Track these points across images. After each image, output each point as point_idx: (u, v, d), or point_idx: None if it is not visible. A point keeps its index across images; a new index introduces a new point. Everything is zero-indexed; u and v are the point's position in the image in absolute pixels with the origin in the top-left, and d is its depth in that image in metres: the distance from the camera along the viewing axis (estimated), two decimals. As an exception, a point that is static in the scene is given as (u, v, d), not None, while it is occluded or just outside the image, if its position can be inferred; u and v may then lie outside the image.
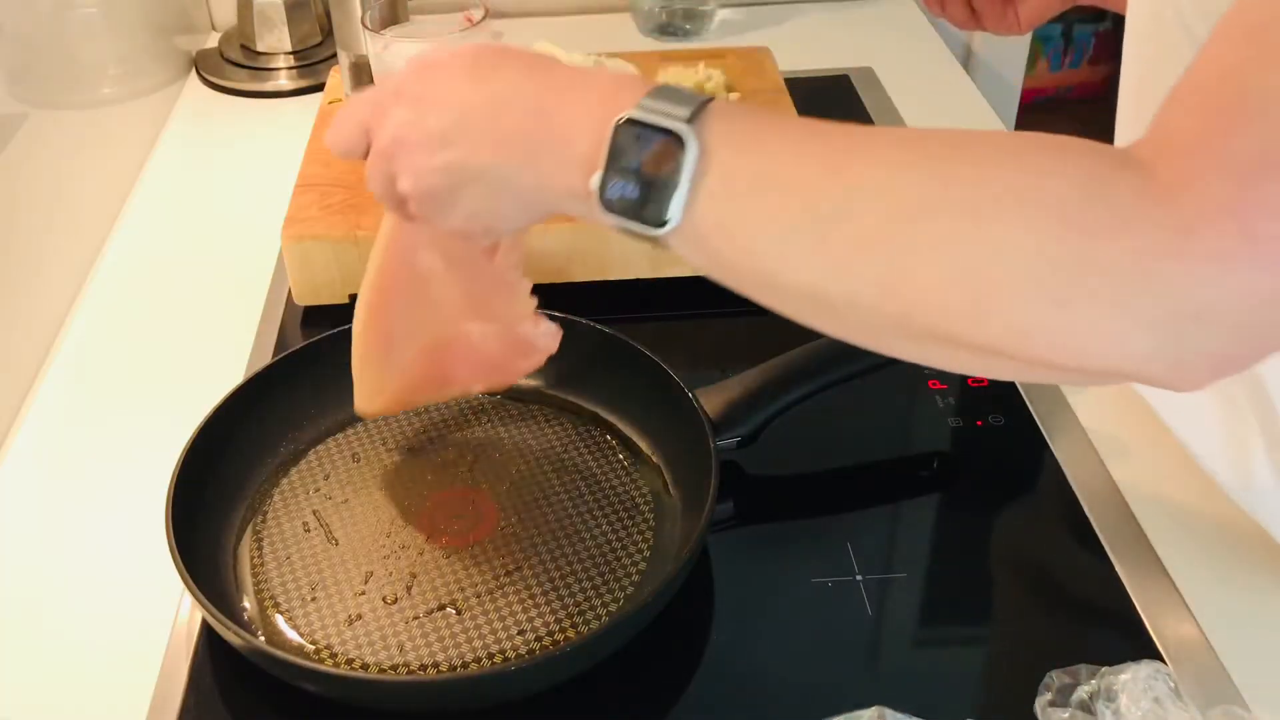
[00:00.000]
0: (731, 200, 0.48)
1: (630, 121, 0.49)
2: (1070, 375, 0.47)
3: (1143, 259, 0.42)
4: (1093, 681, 0.60)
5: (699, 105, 0.49)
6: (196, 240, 1.04)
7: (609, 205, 0.50)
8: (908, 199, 0.46)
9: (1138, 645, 0.66)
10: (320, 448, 0.78)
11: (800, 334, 0.82)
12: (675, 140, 0.48)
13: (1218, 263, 0.41)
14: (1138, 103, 0.65)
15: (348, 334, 0.75)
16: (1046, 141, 0.46)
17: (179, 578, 0.63)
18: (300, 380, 0.79)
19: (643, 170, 0.48)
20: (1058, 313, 0.43)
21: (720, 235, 0.49)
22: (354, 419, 0.78)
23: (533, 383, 0.82)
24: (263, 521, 0.73)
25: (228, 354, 0.89)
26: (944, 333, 0.46)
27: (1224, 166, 0.42)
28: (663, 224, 0.49)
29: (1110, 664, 0.60)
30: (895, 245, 0.45)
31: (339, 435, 0.79)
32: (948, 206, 0.45)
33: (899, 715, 0.58)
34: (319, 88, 1.19)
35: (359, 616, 0.67)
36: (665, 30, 1.36)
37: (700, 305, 0.90)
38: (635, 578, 0.69)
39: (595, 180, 0.50)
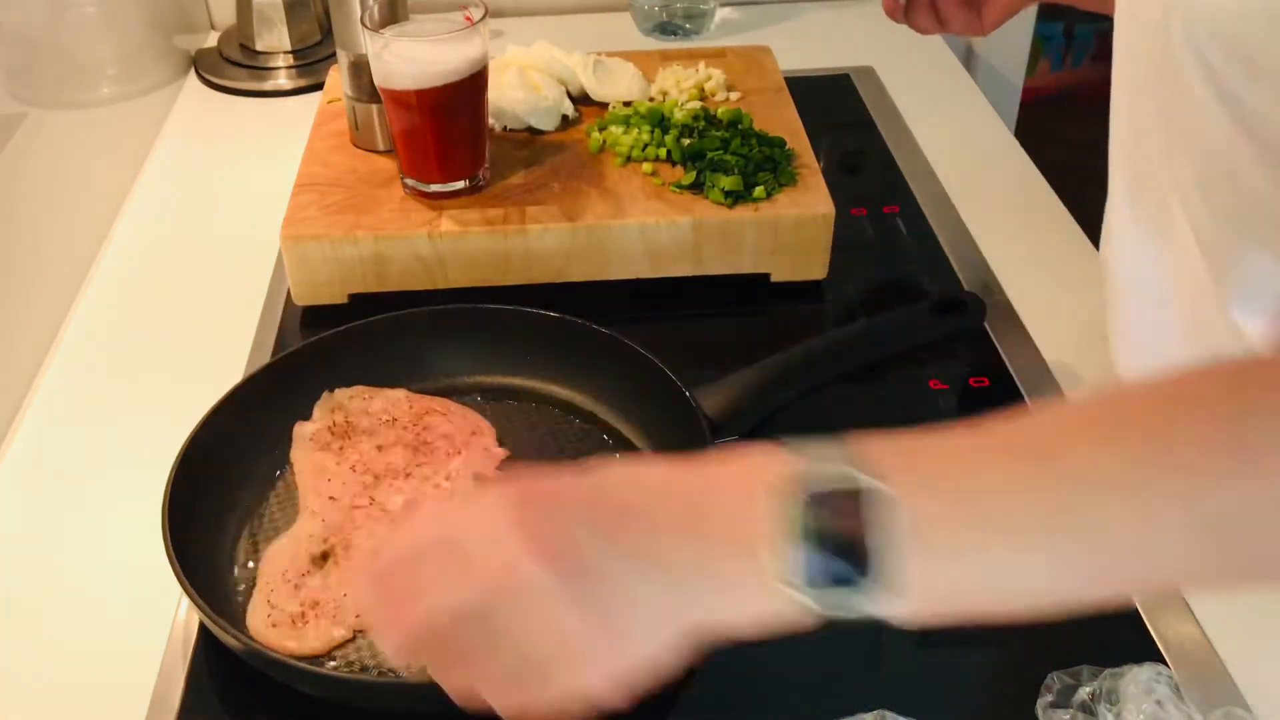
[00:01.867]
0: (960, 555, 0.43)
1: (803, 485, 0.42)
2: None
3: None
4: (1094, 683, 0.60)
5: (855, 450, 0.44)
6: (195, 240, 1.04)
7: (808, 585, 0.42)
8: (1163, 491, 0.41)
9: (1139, 646, 0.66)
10: (319, 448, 0.78)
11: (797, 333, 0.83)
12: (862, 496, 0.42)
13: None
14: (1130, 106, 0.64)
15: (347, 334, 0.74)
16: (1247, 371, 0.43)
17: (176, 580, 0.63)
18: (299, 380, 0.78)
19: (841, 536, 0.42)
20: None
21: (960, 594, 0.44)
22: (353, 419, 0.78)
23: (532, 383, 0.82)
24: (260, 523, 0.73)
25: (227, 354, 0.88)
26: None
27: None
28: (884, 597, 0.43)
29: (1111, 665, 0.60)
30: (1203, 538, 0.41)
31: (338, 436, 0.79)
32: (1225, 473, 0.40)
33: (899, 719, 0.58)
34: (318, 87, 1.19)
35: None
36: (665, 29, 1.36)
37: (698, 305, 0.90)
38: (634, 579, 0.68)
39: (788, 560, 0.42)
